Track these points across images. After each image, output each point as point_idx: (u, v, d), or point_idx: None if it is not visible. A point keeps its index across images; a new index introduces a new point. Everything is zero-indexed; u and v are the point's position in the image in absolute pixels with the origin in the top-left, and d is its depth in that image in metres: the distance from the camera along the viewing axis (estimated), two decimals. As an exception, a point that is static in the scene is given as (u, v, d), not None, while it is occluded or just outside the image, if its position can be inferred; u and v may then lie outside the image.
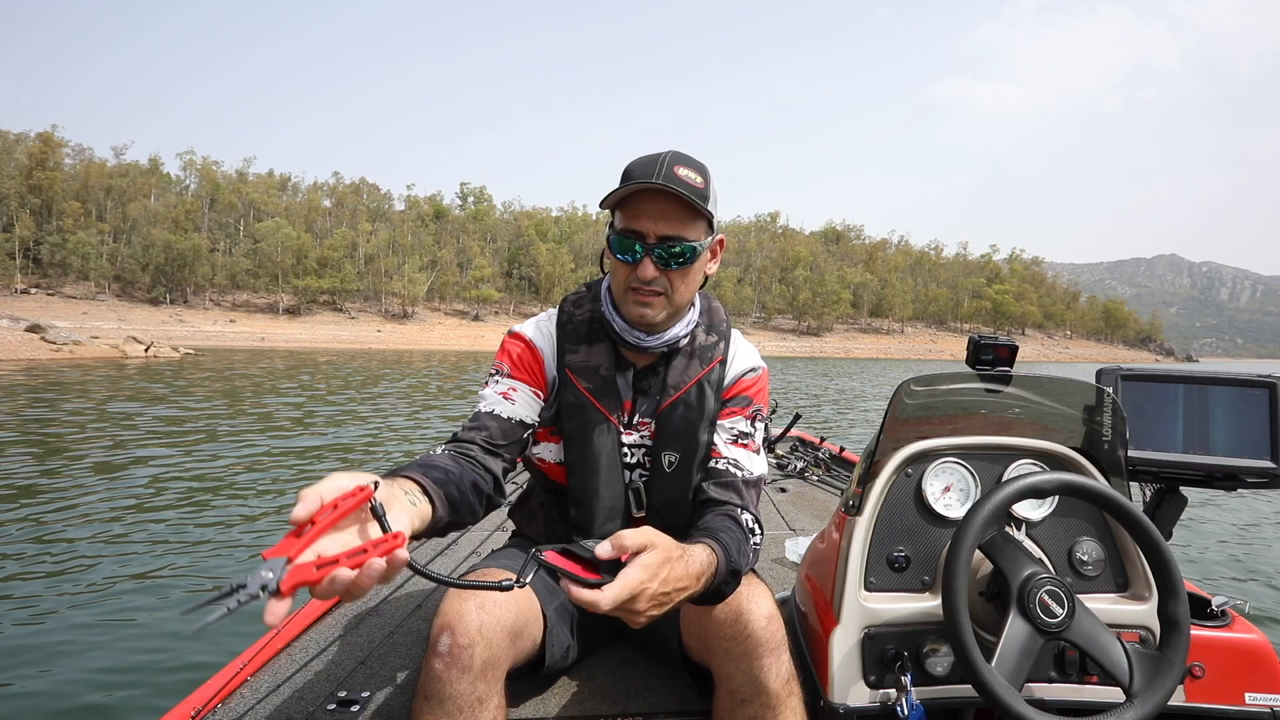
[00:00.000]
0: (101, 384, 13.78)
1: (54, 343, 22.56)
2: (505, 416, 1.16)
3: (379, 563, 0.63)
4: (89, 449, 6.75)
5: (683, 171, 1.09)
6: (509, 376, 1.21)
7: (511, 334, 1.27)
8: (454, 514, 0.94)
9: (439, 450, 1.08)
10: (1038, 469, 1.24)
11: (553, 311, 1.29)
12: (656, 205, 1.10)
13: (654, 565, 0.82)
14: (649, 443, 1.24)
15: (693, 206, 1.10)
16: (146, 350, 25.33)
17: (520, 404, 1.19)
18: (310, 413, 10.45)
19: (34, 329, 23.62)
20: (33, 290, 61.62)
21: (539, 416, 1.23)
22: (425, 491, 0.87)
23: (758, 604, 1.06)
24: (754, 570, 1.19)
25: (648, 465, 1.25)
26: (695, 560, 0.92)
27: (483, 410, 1.17)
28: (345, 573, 0.62)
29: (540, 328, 1.27)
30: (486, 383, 1.23)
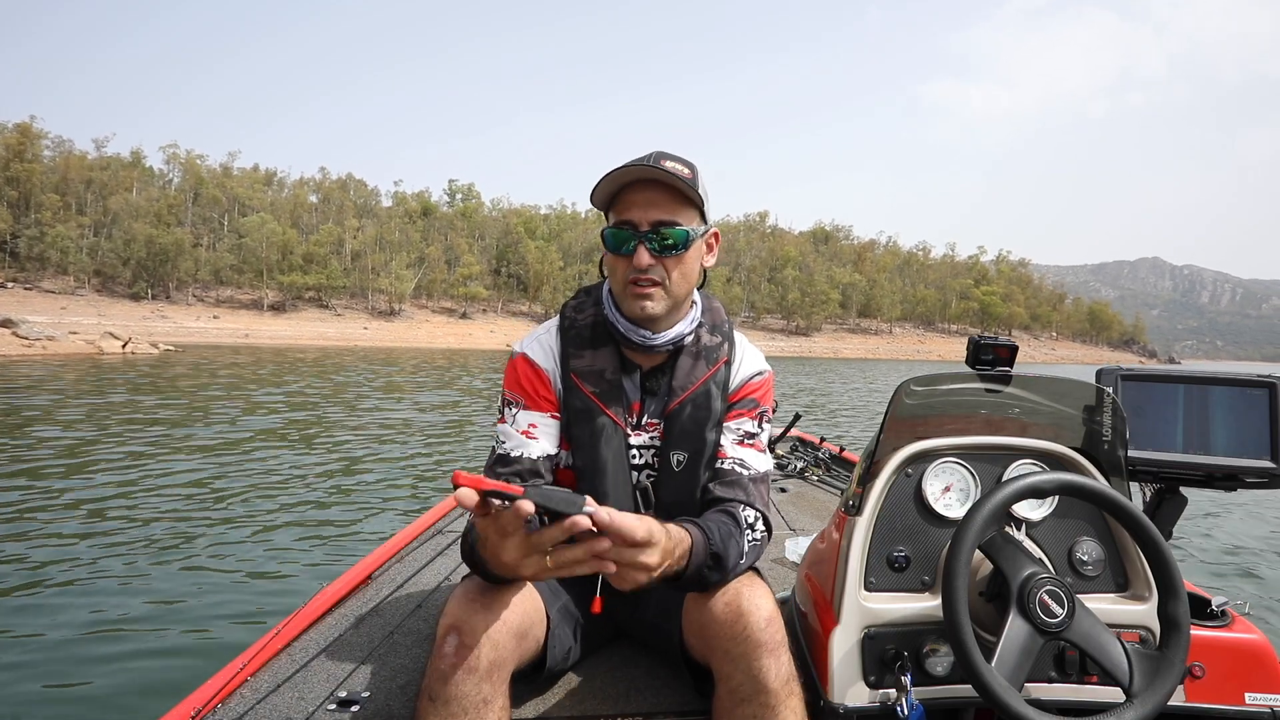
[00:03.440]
0: (55, 381, 13.56)
1: (26, 338, 21.74)
2: (535, 456, 1.18)
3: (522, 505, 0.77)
4: (56, 447, 6.64)
5: (669, 164, 1.11)
6: (525, 409, 1.21)
7: (515, 357, 1.25)
8: None
9: None
10: (1038, 469, 1.25)
11: (552, 322, 1.29)
12: (646, 194, 1.12)
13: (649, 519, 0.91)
14: (657, 443, 1.25)
15: (683, 193, 1.12)
16: (124, 346, 24.67)
17: (544, 438, 1.20)
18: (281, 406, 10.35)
19: (5, 324, 22.78)
20: (9, 284, 60.42)
21: (559, 435, 1.23)
22: None
23: (759, 604, 1.07)
24: (756, 569, 1.20)
25: (655, 465, 1.25)
26: (674, 532, 0.98)
27: (511, 454, 1.18)
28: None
29: (541, 342, 1.26)
30: (503, 415, 1.23)
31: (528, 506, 0.77)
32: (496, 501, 0.79)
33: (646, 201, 1.12)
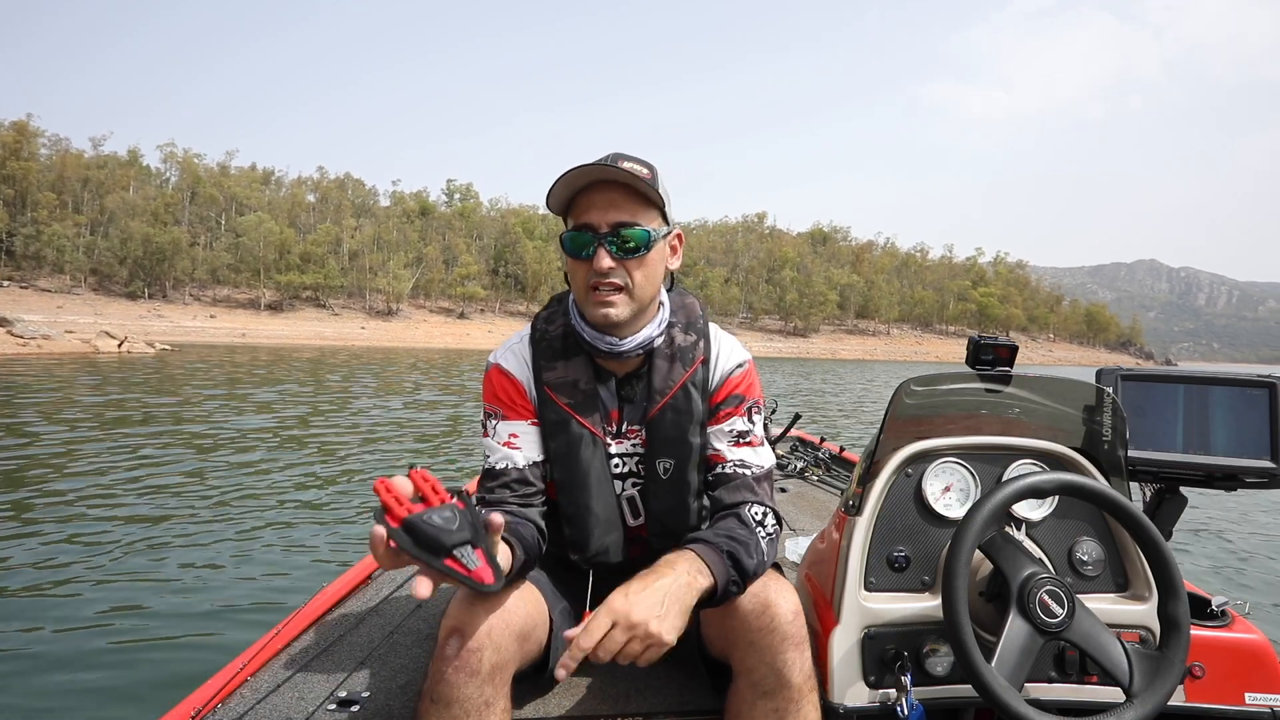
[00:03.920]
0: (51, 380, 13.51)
1: (21, 337, 21.43)
2: (521, 466, 1.18)
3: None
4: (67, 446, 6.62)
5: (627, 164, 1.09)
6: (505, 419, 1.20)
7: (490, 369, 1.24)
8: (527, 559, 1.07)
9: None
10: (1038, 469, 1.25)
11: (525, 330, 1.27)
12: (605, 195, 1.10)
13: (619, 595, 0.93)
14: (640, 450, 1.23)
15: (642, 194, 1.10)
16: (120, 345, 24.47)
17: (527, 446, 1.20)
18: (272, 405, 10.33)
19: (0, 322, 22.57)
20: (5, 283, 60.22)
21: (542, 441, 1.23)
22: (506, 542, 1.00)
23: (785, 597, 1.06)
24: (777, 565, 1.18)
25: (641, 473, 1.23)
26: (669, 562, 0.99)
27: (496, 467, 1.18)
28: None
29: (515, 352, 1.24)
30: (485, 429, 1.22)
31: (380, 533, 0.80)
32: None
33: (606, 203, 1.09)
